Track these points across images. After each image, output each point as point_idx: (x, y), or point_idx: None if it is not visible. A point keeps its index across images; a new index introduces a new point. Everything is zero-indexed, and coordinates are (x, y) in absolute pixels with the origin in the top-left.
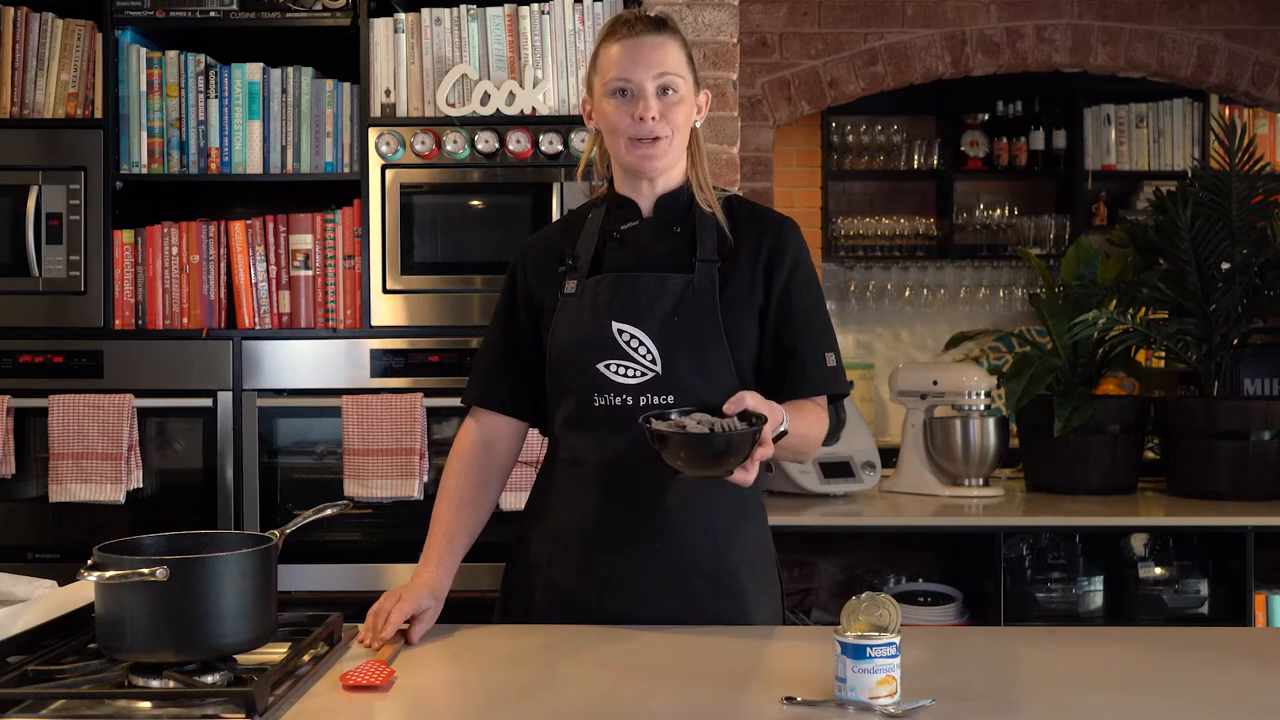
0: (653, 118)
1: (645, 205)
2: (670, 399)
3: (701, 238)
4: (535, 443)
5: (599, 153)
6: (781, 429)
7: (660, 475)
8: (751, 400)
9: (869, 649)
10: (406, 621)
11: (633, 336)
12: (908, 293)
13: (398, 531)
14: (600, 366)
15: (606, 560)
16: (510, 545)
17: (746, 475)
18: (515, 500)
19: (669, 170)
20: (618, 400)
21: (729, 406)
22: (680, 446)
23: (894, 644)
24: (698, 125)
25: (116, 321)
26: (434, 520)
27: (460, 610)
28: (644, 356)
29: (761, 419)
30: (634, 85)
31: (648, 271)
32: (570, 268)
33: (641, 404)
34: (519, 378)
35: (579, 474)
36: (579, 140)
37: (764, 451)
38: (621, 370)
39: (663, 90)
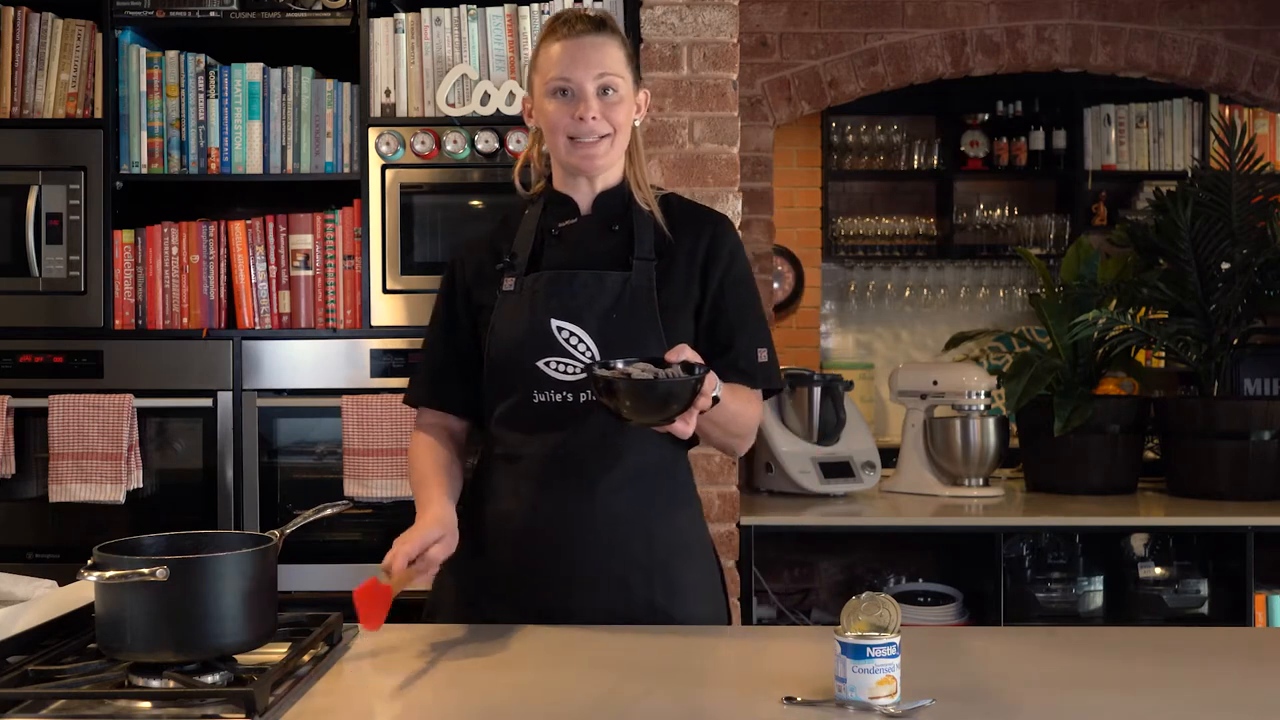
0: (593, 117)
1: (584, 203)
2: None
3: (639, 236)
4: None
5: (537, 151)
6: (716, 393)
7: (595, 470)
8: (690, 352)
9: (869, 649)
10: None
11: (572, 334)
12: (908, 293)
13: (398, 531)
14: (540, 364)
15: (541, 554)
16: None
17: (686, 426)
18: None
19: (609, 169)
20: (557, 397)
21: (670, 355)
22: (626, 393)
23: (894, 644)
24: (637, 124)
25: (116, 321)
26: (420, 482)
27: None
28: (583, 354)
29: (704, 368)
30: (574, 85)
31: (586, 269)
32: (508, 265)
33: (581, 400)
34: (462, 377)
35: (515, 470)
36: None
37: (704, 401)
38: (561, 367)
39: (603, 90)
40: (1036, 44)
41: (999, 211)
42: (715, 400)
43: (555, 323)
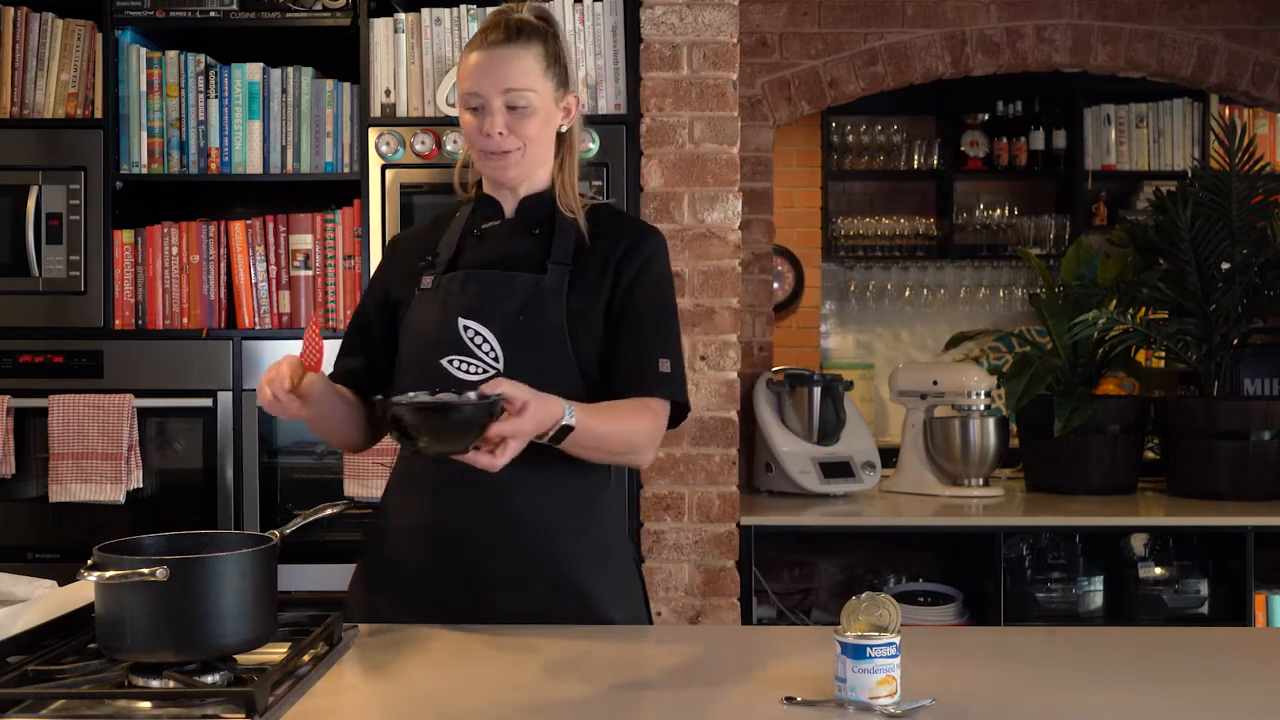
0: (499, 133)
1: (509, 206)
2: None
3: (559, 241)
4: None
5: (467, 158)
6: (565, 422)
7: (503, 479)
8: (507, 386)
9: (869, 649)
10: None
11: (477, 333)
12: (908, 293)
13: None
14: (444, 362)
15: (451, 557)
16: (368, 541)
17: (493, 460)
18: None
19: (526, 179)
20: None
21: (486, 388)
22: (413, 420)
23: (894, 644)
24: (564, 130)
25: (116, 321)
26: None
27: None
28: (487, 354)
29: (496, 398)
30: (482, 100)
31: (500, 269)
32: (429, 263)
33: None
34: (371, 369)
35: (421, 471)
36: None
37: (512, 443)
38: (464, 366)
39: (511, 106)
40: (1036, 44)
41: (999, 211)
42: (566, 429)
43: (463, 321)
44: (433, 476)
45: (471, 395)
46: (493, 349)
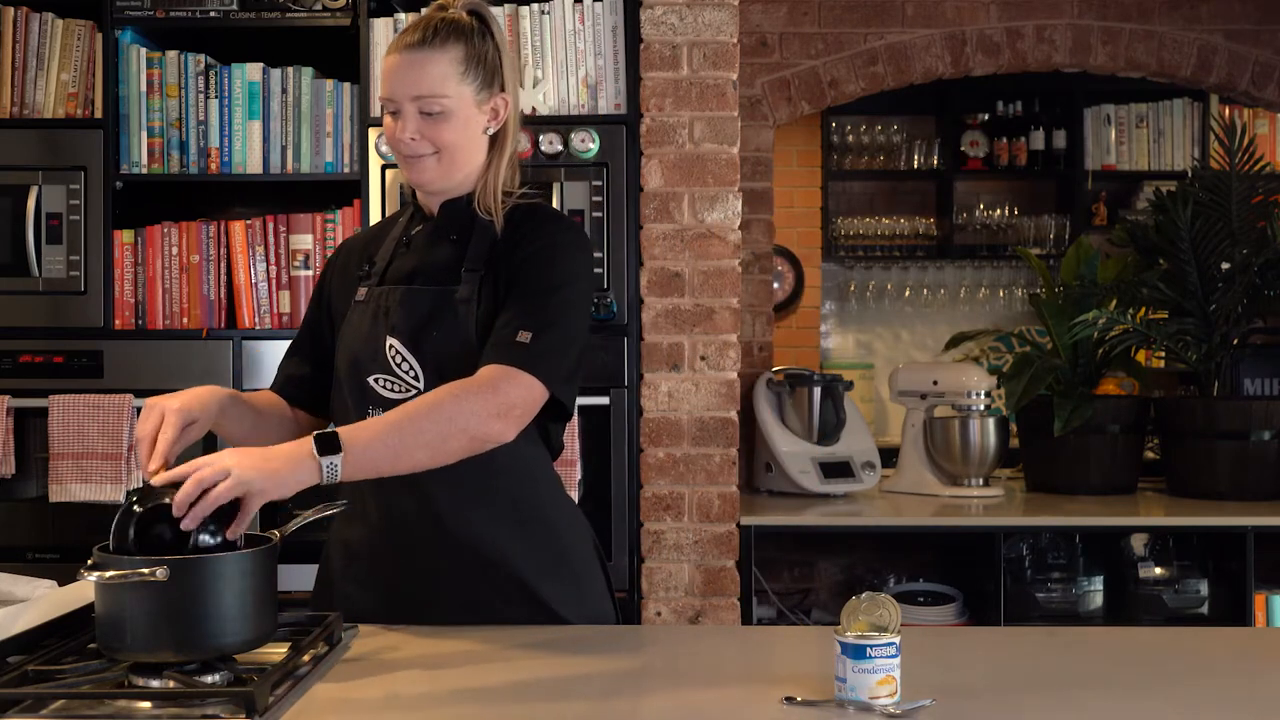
0: (411, 138)
1: (434, 208)
2: None
3: (474, 246)
4: None
5: None
6: (322, 458)
7: (437, 493)
8: (209, 473)
9: (869, 649)
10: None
11: (398, 352)
12: (908, 293)
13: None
14: (371, 380)
15: (394, 573)
16: (322, 551)
17: (233, 530)
18: None
19: (445, 183)
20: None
21: (182, 478)
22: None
23: (894, 644)
24: (490, 132)
25: (116, 321)
26: None
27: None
28: (407, 372)
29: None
30: (395, 104)
31: (422, 281)
32: (365, 274)
33: None
34: (315, 378)
35: (359, 486)
36: (579, 140)
37: (247, 509)
38: (389, 385)
39: (425, 112)
40: (1036, 44)
41: (999, 211)
42: (332, 462)
43: (389, 340)
44: (362, 495)
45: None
46: (411, 367)
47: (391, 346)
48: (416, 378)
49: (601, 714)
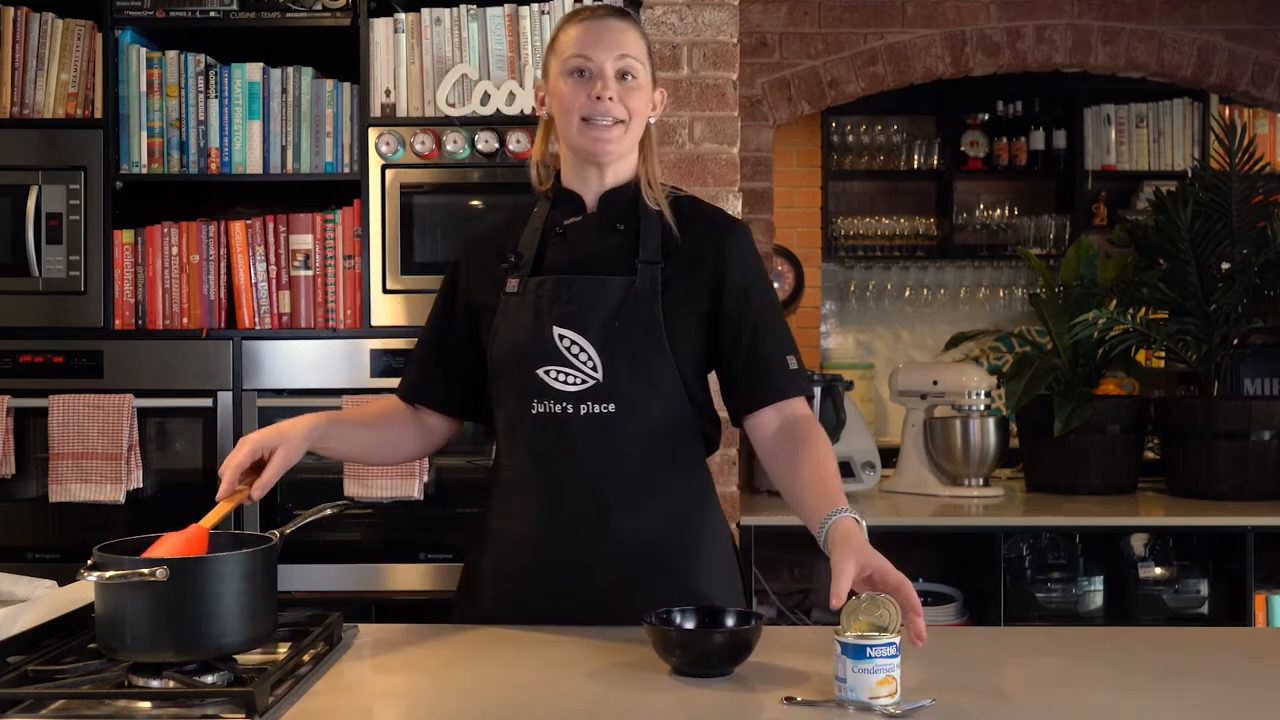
0: (610, 98)
1: (590, 200)
2: (610, 407)
3: (645, 237)
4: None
5: (544, 147)
6: (860, 520)
7: (605, 494)
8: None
9: (869, 649)
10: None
11: (573, 342)
12: (908, 293)
13: (398, 531)
14: (540, 372)
15: (553, 568)
16: (469, 545)
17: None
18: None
19: (620, 160)
20: (556, 408)
21: (840, 570)
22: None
23: (894, 644)
24: (651, 122)
25: (116, 321)
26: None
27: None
28: (585, 363)
29: (755, 620)
30: (594, 65)
31: (588, 272)
32: (512, 265)
33: (582, 412)
34: (450, 376)
35: (518, 481)
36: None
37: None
38: (561, 377)
39: (622, 74)
40: (1036, 44)
41: (999, 211)
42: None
43: (557, 330)
44: (526, 492)
45: (729, 620)
46: (590, 358)
47: (563, 337)
48: (595, 368)
49: (601, 713)
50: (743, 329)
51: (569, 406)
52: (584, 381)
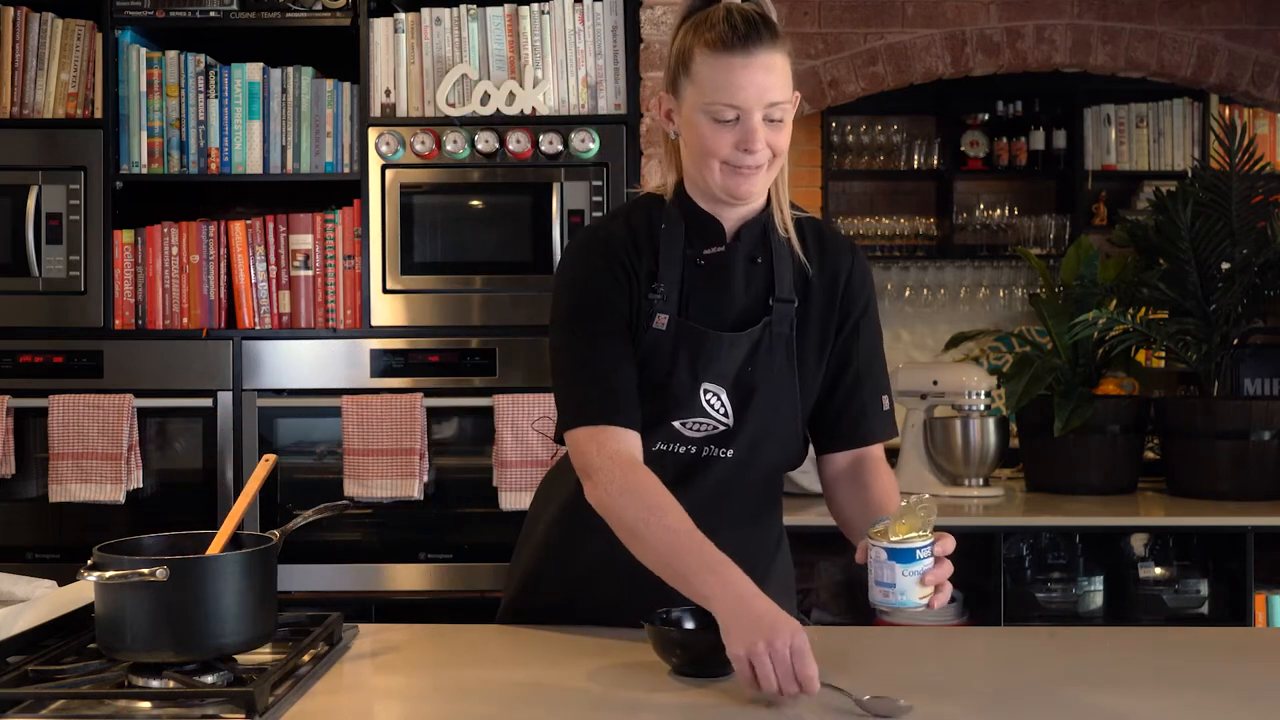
0: (758, 149)
1: (729, 227)
2: (729, 452)
3: (779, 271)
4: (535, 443)
5: (676, 176)
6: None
7: (694, 513)
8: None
9: (917, 551)
10: None
11: (714, 395)
12: (908, 293)
13: (398, 531)
14: (676, 423)
15: (638, 604)
16: (529, 547)
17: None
18: (516, 500)
19: (759, 196)
20: (680, 449)
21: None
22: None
23: (930, 543)
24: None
25: (116, 321)
26: (701, 542)
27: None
28: (718, 411)
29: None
30: (743, 113)
31: (735, 315)
32: (660, 295)
33: (703, 455)
34: (636, 393)
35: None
36: (579, 140)
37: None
38: (696, 426)
39: (769, 118)
40: (1036, 44)
41: (999, 211)
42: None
43: (704, 385)
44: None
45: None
46: (723, 405)
47: (707, 391)
48: (726, 414)
49: (601, 713)
50: (849, 366)
51: (691, 448)
52: (714, 428)
